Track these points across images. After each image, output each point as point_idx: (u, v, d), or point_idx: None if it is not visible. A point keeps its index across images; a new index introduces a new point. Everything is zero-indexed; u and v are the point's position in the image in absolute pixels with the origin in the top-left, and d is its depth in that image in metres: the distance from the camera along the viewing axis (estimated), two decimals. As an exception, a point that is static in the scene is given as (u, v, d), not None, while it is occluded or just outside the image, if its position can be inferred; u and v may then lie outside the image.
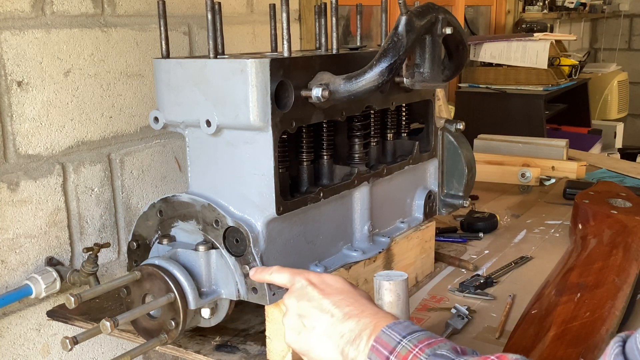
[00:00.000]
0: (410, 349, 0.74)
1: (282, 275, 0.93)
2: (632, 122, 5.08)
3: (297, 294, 0.89)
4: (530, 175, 2.18)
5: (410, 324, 0.79)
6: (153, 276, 1.02)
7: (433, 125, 1.41)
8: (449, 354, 0.72)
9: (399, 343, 0.75)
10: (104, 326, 0.92)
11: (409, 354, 0.73)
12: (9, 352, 1.24)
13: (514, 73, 3.26)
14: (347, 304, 0.84)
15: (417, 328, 0.78)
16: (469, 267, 1.46)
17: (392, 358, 0.75)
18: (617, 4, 5.23)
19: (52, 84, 1.26)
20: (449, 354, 0.72)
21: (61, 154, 1.30)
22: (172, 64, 1.06)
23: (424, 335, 0.76)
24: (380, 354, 0.76)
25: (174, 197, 1.08)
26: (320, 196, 1.11)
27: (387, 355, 0.75)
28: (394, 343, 0.76)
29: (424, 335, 0.76)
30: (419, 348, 0.74)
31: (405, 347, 0.75)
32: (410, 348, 0.74)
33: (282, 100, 1.01)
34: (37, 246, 1.27)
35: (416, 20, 1.04)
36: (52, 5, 1.25)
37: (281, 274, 0.93)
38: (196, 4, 1.56)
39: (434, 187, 1.46)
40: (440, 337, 0.77)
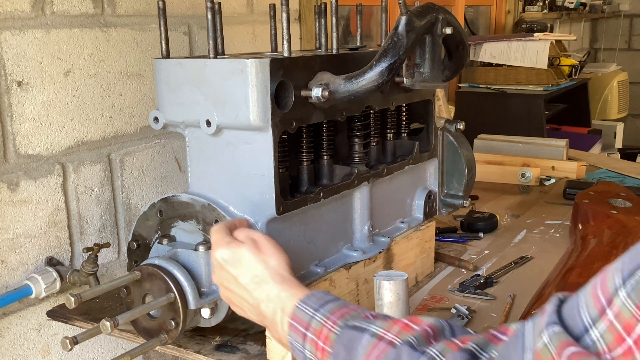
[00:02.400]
0: (324, 322, 0.76)
1: (214, 236, 0.93)
2: (632, 122, 5.08)
3: (217, 266, 0.90)
4: (530, 175, 2.18)
5: (323, 295, 0.80)
6: (153, 276, 1.02)
7: (433, 125, 1.41)
8: (361, 323, 0.74)
9: (313, 317, 0.77)
10: (104, 326, 0.92)
11: (323, 328, 0.75)
12: (9, 352, 1.24)
13: (514, 73, 3.26)
14: (258, 286, 0.85)
15: (330, 298, 0.79)
16: (469, 267, 1.46)
17: (309, 334, 0.76)
18: (617, 4, 5.23)
19: (52, 84, 1.26)
20: (361, 323, 0.74)
21: (61, 154, 1.30)
22: (172, 64, 1.06)
23: (336, 305, 0.78)
24: (297, 330, 0.78)
25: (174, 197, 1.08)
26: (320, 196, 1.11)
27: (303, 332, 0.77)
28: (308, 318, 0.77)
29: (336, 305, 0.77)
30: (332, 321, 0.75)
31: (319, 321, 0.76)
32: (324, 321, 0.76)
33: (282, 100, 1.01)
34: (37, 246, 1.27)
35: (416, 20, 1.04)
36: (52, 5, 1.25)
37: (214, 235, 0.93)
38: (196, 4, 1.56)
39: (434, 187, 1.46)
40: (353, 305, 0.78)
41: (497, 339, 0.68)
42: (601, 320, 0.53)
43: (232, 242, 0.89)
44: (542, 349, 0.56)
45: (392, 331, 0.71)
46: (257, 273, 0.85)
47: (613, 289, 0.52)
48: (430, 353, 0.67)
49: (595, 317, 0.53)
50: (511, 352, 0.62)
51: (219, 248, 0.89)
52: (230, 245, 0.88)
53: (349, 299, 1.19)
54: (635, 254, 0.52)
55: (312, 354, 0.76)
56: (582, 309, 0.55)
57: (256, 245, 0.88)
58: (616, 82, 4.32)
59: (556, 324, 0.56)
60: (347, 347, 0.72)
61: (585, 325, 0.54)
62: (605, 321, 0.52)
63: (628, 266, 0.52)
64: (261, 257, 0.86)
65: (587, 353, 0.53)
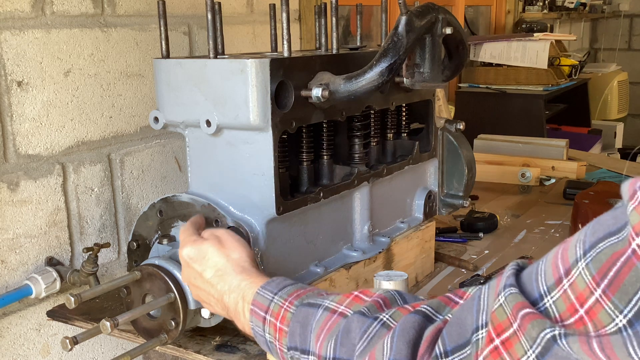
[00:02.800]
0: (281, 304, 0.78)
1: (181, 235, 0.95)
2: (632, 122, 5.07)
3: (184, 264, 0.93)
4: (530, 175, 2.18)
5: (282, 280, 0.82)
6: (153, 276, 1.02)
7: (433, 125, 1.42)
8: (315, 300, 0.77)
9: (272, 300, 0.79)
10: (104, 326, 0.92)
11: (281, 309, 0.78)
12: (9, 352, 1.24)
13: (514, 73, 3.26)
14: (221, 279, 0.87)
15: (288, 282, 0.82)
16: (469, 267, 1.46)
17: (268, 317, 0.79)
18: (617, 4, 5.23)
19: (52, 84, 1.26)
20: (315, 300, 0.77)
21: (61, 154, 1.30)
22: (172, 64, 1.06)
23: (294, 287, 0.80)
24: (257, 315, 0.80)
25: (174, 197, 1.08)
26: (320, 196, 1.11)
27: (263, 316, 0.79)
28: (267, 302, 0.80)
29: (294, 288, 0.80)
30: (288, 302, 0.78)
31: (277, 303, 0.79)
32: (281, 303, 0.78)
33: (282, 100, 1.01)
34: (37, 246, 1.27)
35: (416, 20, 1.04)
36: (52, 5, 1.25)
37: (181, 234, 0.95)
38: (196, 4, 1.56)
39: (434, 187, 1.46)
40: (310, 287, 0.81)
41: (452, 302, 0.69)
42: (556, 289, 0.53)
43: (197, 240, 0.91)
44: (497, 309, 0.57)
45: (344, 304, 0.75)
46: (219, 267, 0.88)
47: (573, 259, 0.52)
48: (381, 318, 0.69)
49: (552, 285, 0.53)
50: (466, 314, 0.62)
51: (185, 246, 0.92)
52: (195, 243, 0.91)
53: (349, 299, 1.19)
54: (599, 226, 0.51)
55: (271, 336, 0.79)
56: (539, 276, 0.55)
57: (219, 240, 0.91)
58: (616, 82, 4.32)
59: (513, 286, 0.56)
60: (302, 323, 0.75)
61: (540, 293, 0.54)
62: (560, 290, 0.52)
63: (590, 238, 0.51)
64: (223, 251, 0.89)
65: (541, 315, 0.53)
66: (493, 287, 0.60)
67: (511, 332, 0.55)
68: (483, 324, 0.59)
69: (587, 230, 0.53)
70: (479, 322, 0.59)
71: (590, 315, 0.50)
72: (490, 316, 0.57)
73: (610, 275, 0.48)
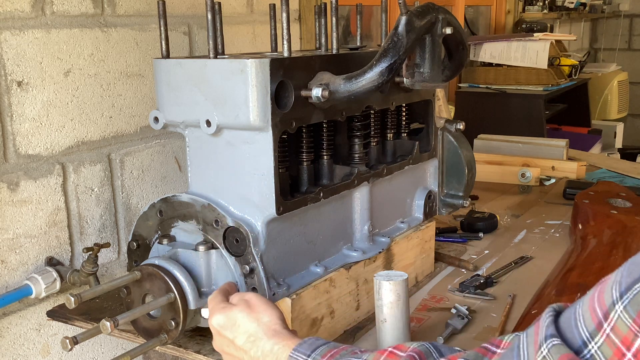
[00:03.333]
0: None
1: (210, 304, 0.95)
2: (632, 122, 5.08)
3: (215, 333, 0.92)
4: (530, 175, 2.18)
5: (314, 340, 0.82)
6: (153, 276, 1.02)
7: (433, 125, 1.42)
8: (349, 358, 0.75)
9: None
10: (104, 326, 0.92)
11: None
12: (9, 352, 1.24)
13: (514, 73, 3.25)
14: (254, 345, 0.86)
15: (321, 342, 0.81)
16: (469, 267, 1.46)
17: None
18: (617, 4, 5.23)
19: (52, 84, 1.26)
20: (349, 358, 0.75)
21: (61, 154, 1.30)
22: (172, 64, 1.06)
23: (327, 347, 0.79)
24: None
25: (174, 197, 1.08)
26: (320, 196, 1.11)
27: None
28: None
29: (327, 348, 0.79)
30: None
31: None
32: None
33: (282, 100, 1.01)
34: (37, 246, 1.27)
35: (416, 20, 1.04)
36: (52, 5, 1.25)
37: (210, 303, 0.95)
38: (196, 4, 1.56)
39: (434, 187, 1.46)
40: (343, 345, 0.80)
41: (490, 352, 0.67)
42: (599, 334, 0.52)
43: (226, 307, 0.90)
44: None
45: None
46: (251, 332, 0.86)
47: (610, 302, 0.51)
48: None
49: (593, 331, 0.53)
50: None
51: (215, 314, 0.91)
52: (225, 310, 0.90)
53: (349, 299, 1.19)
54: (634, 266, 0.51)
55: None
56: (579, 322, 0.55)
57: (249, 305, 0.90)
58: (616, 82, 4.32)
59: (555, 337, 0.55)
60: None
61: (583, 339, 0.54)
62: (602, 335, 0.52)
63: (626, 280, 0.51)
64: (254, 316, 0.88)
65: None
66: (532, 335, 0.59)
67: None
68: None
69: (622, 271, 0.53)
70: None
71: (638, 358, 0.49)
72: None
73: None
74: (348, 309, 1.20)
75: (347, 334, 1.19)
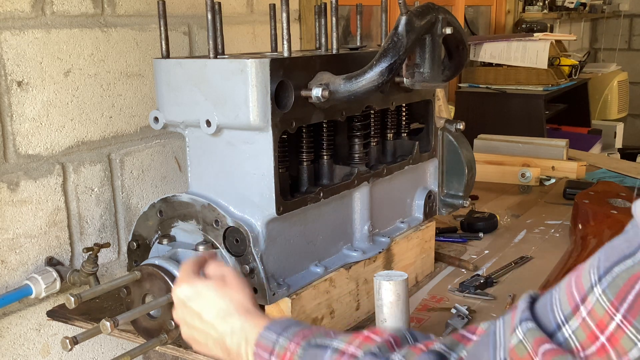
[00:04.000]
0: (287, 346, 0.75)
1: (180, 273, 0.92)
2: (632, 122, 5.07)
3: (178, 303, 0.89)
4: (530, 175, 2.18)
5: (286, 320, 0.80)
6: (153, 276, 1.02)
7: (433, 125, 1.41)
8: (323, 341, 0.73)
9: (276, 342, 0.76)
10: (104, 326, 0.92)
11: (287, 352, 0.75)
12: (9, 352, 1.24)
13: (514, 73, 3.25)
14: (223, 320, 0.84)
15: (293, 322, 0.79)
16: (469, 267, 1.46)
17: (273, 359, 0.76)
18: (617, 4, 5.22)
19: (52, 84, 1.26)
20: (323, 341, 0.73)
21: (61, 154, 1.30)
22: (172, 64, 1.06)
23: (299, 327, 0.77)
24: (261, 358, 0.77)
25: (174, 197, 1.08)
26: (320, 196, 1.11)
27: (267, 358, 0.76)
28: (272, 344, 0.76)
29: (299, 328, 0.77)
30: (294, 342, 0.75)
31: (282, 345, 0.76)
32: (287, 344, 0.75)
33: (282, 100, 1.01)
34: (37, 246, 1.27)
35: (416, 20, 1.04)
36: (52, 5, 1.25)
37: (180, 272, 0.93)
38: (196, 4, 1.56)
39: (434, 187, 1.46)
40: (316, 327, 0.78)
41: (466, 339, 0.67)
42: (574, 317, 0.52)
43: (195, 279, 0.88)
44: (516, 345, 0.55)
45: (353, 344, 0.71)
46: (222, 307, 0.84)
47: (588, 286, 0.51)
48: (392, 358, 0.67)
49: (569, 314, 0.53)
50: (482, 351, 0.60)
51: (180, 285, 0.88)
52: (193, 282, 0.87)
53: (349, 299, 1.19)
54: (612, 250, 0.51)
55: None
56: (555, 306, 0.54)
57: (224, 280, 0.87)
58: (616, 82, 4.32)
59: (530, 320, 0.55)
60: None
61: (558, 323, 0.53)
62: (578, 318, 0.52)
63: (604, 263, 0.51)
64: (225, 291, 0.85)
65: (562, 351, 0.52)
66: (508, 321, 0.59)
67: None
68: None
69: (599, 255, 0.52)
70: (497, 358, 0.58)
71: (612, 342, 0.49)
72: (509, 353, 0.56)
73: (630, 300, 0.48)
74: (348, 309, 1.20)
75: (347, 334, 1.19)
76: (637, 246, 0.49)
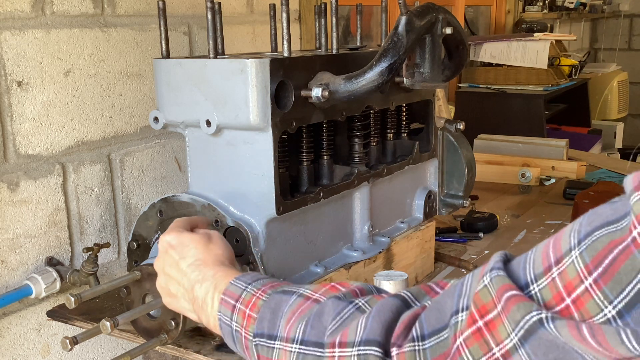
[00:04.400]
0: (254, 292, 0.76)
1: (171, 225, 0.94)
2: (632, 122, 5.07)
3: (162, 250, 0.90)
4: (530, 175, 2.18)
5: (257, 274, 0.81)
6: (153, 276, 1.02)
7: (433, 125, 1.41)
8: (290, 288, 0.75)
9: (245, 290, 0.77)
10: (104, 326, 0.92)
11: (253, 297, 0.75)
12: (9, 352, 1.24)
13: (514, 73, 3.25)
14: (197, 268, 0.85)
15: (262, 276, 0.80)
16: (469, 267, 1.46)
17: (238, 305, 0.76)
18: (617, 4, 5.22)
19: (52, 84, 1.26)
20: (290, 288, 0.75)
21: (61, 154, 1.30)
22: (172, 64, 1.06)
23: (270, 280, 0.79)
24: (227, 304, 0.78)
25: (174, 197, 1.08)
26: (320, 196, 1.11)
27: (233, 304, 0.77)
28: (240, 291, 0.77)
29: (269, 280, 0.78)
30: (262, 290, 0.76)
31: (249, 292, 0.76)
32: (254, 292, 0.76)
33: (282, 100, 1.01)
34: (37, 246, 1.27)
35: (416, 20, 1.04)
36: (52, 5, 1.25)
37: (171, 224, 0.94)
38: (196, 4, 1.56)
39: (434, 187, 1.46)
40: (285, 281, 0.79)
41: (433, 291, 0.67)
42: (545, 277, 0.51)
43: (183, 231, 0.90)
44: (481, 290, 0.55)
45: (319, 292, 0.72)
46: (199, 257, 0.86)
47: (567, 248, 0.50)
48: (356, 302, 0.67)
49: (539, 273, 0.52)
50: (446, 299, 0.60)
51: (169, 233, 0.90)
52: (179, 232, 0.89)
53: (349, 299, 1.19)
54: (596, 216, 0.50)
55: (238, 324, 0.76)
56: (528, 265, 0.54)
57: (208, 236, 0.89)
58: (616, 82, 4.32)
59: (500, 269, 0.54)
60: (274, 309, 0.73)
61: (527, 280, 0.53)
62: (548, 278, 0.51)
63: (586, 228, 0.50)
64: (207, 245, 0.87)
65: (527, 298, 0.51)
66: (477, 273, 0.58)
67: (495, 313, 0.53)
68: (464, 307, 0.57)
69: (582, 220, 0.51)
70: (460, 305, 0.57)
71: (577, 304, 0.49)
72: (474, 297, 0.55)
73: (605, 264, 0.47)
74: (348, 309, 1.20)
75: (347, 334, 1.19)
76: (622, 214, 0.48)
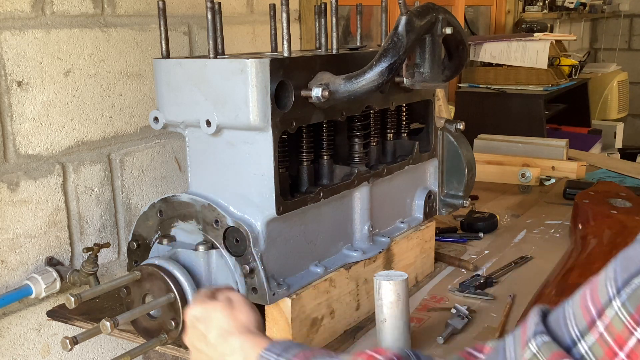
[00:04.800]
0: None
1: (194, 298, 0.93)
2: (632, 122, 5.07)
3: (189, 325, 0.89)
4: (530, 175, 2.18)
5: (287, 341, 0.79)
6: (153, 276, 1.02)
7: (433, 125, 1.41)
8: (322, 357, 0.73)
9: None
10: (104, 326, 0.92)
11: None
12: (9, 352, 1.24)
13: (514, 73, 3.25)
14: (224, 340, 0.83)
15: (294, 344, 0.78)
16: (469, 267, 1.46)
17: None
18: (617, 4, 5.22)
19: (52, 84, 1.26)
20: (322, 357, 0.73)
21: (61, 154, 1.30)
22: (172, 64, 1.06)
23: (300, 349, 0.76)
24: None
25: (174, 197, 1.08)
26: (320, 196, 1.11)
27: None
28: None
29: (300, 349, 0.76)
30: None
31: None
32: None
33: (282, 100, 1.01)
34: (37, 246, 1.27)
35: (416, 20, 1.04)
36: (52, 5, 1.25)
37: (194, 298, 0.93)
38: (196, 4, 1.56)
39: (434, 187, 1.46)
40: (316, 348, 0.77)
41: (472, 356, 0.65)
42: (590, 332, 0.50)
43: (206, 302, 0.88)
44: (530, 359, 0.53)
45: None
46: (224, 326, 0.84)
47: (606, 299, 0.49)
48: None
49: (584, 329, 0.50)
50: None
51: (192, 307, 0.88)
52: (203, 304, 0.87)
53: (349, 299, 1.19)
54: (628, 261, 0.49)
55: None
56: (569, 320, 0.52)
57: (230, 302, 0.87)
58: (616, 82, 4.32)
59: (544, 334, 0.53)
60: None
61: (573, 338, 0.51)
62: (594, 334, 0.50)
63: (622, 275, 0.49)
64: (230, 312, 0.85)
65: None
66: (518, 336, 0.56)
67: None
68: None
69: (615, 266, 0.50)
70: None
71: (632, 358, 0.47)
72: None
73: None
74: (348, 309, 1.20)
75: (347, 334, 1.19)
76: None
